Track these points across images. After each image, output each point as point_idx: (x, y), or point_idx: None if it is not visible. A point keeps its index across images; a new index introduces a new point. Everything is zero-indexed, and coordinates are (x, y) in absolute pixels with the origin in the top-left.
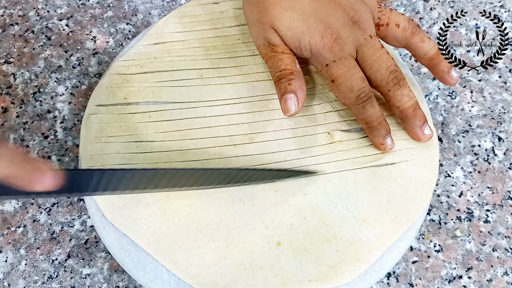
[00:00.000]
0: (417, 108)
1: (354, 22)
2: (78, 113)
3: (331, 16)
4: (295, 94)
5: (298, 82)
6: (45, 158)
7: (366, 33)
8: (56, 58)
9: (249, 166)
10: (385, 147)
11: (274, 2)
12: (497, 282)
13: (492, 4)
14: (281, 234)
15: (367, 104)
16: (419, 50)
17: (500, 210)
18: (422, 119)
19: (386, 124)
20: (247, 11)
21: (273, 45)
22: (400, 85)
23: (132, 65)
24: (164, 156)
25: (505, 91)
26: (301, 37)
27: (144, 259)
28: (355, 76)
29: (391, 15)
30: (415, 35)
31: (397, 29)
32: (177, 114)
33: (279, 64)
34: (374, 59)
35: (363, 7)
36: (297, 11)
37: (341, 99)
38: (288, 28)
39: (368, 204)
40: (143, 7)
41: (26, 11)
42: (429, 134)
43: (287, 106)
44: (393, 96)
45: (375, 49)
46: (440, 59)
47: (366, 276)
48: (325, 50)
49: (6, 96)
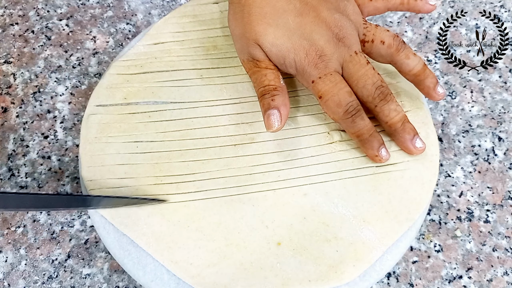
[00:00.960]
0: (406, 121)
1: (338, 39)
2: (78, 113)
3: (316, 33)
4: (278, 110)
5: (282, 98)
6: (45, 158)
7: (351, 49)
8: (56, 58)
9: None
10: (380, 159)
11: (258, 18)
12: (497, 282)
13: (492, 4)
14: (281, 234)
15: (356, 118)
16: (404, 67)
17: (500, 210)
18: (412, 132)
19: (378, 135)
20: (231, 25)
21: (257, 61)
22: (387, 100)
23: (132, 65)
24: (164, 156)
25: (505, 91)
26: (285, 54)
27: (144, 259)
28: (342, 90)
29: (376, 31)
30: (400, 52)
31: (382, 46)
32: (177, 114)
33: (263, 79)
34: (360, 75)
35: (348, 23)
36: (282, 27)
37: (330, 114)
38: (272, 45)
39: (368, 204)
40: (143, 7)
41: (26, 11)
42: (420, 147)
43: (270, 122)
44: (381, 112)
45: (360, 65)
46: (426, 75)
47: (366, 276)
48: (310, 67)
49: (6, 96)
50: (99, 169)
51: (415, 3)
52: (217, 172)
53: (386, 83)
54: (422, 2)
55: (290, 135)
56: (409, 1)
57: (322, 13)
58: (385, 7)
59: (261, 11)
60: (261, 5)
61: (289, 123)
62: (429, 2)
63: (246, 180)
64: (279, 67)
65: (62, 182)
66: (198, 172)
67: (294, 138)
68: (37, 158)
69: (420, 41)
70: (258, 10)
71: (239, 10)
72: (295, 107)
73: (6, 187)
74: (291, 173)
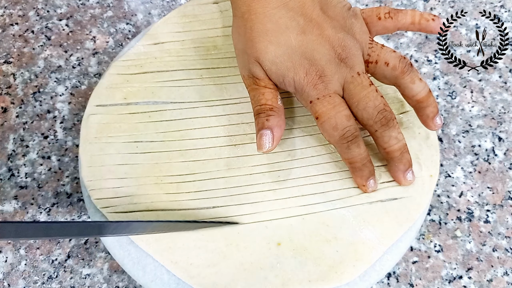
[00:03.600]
0: (404, 152)
1: (341, 59)
2: (78, 113)
3: (317, 52)
4: (271, 131)
5: (277, 119)
6: (45, 158)
7: (353, 70)
8: (56, 58)
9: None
10: (366, 189)
11: (260, 35)
12: (497, 282)
13: (492, 4)
14: (281, 234)
15: (352, 144)
16: (408, 91)
17: (500, 210)
18: (408, 164)
19: (371, 165)
20: (234, 39)
21: (257, 78)
22: (389, 126)
23: (132, 65)
24: (164, 156)
25: (505, 91)
26: (285, 72)
27: (144, 259)
28: (340, 114)
29: (381, 52)
30: (405, 75)
31: (386, 68)
32: (177, 114)
33: (260, 98)
34: (361, 96)
35: (352, 43)
36: (283, 45)
37: (325, 136)
38: (272, 63)
39: (368, 204)
40: (143, 7)
41: (26, 11)
42: (410, 179)
43: (262, 143)
44: (380, 137)
45: (362, 86)
46: (428, 103)
47: (366, 276)
48: (309, 87)
49: (6, 96)
50: (99, 169)
51: (427, 23)
52: (217, 172)
53: (390, 108)
54: (434, 23)
55: (290, 135)
56: (420, 21)
57: (326, 31)
58: (395, 26)
59: (263, 28)
60: (263, 21)
61: (289, 124)
62: (441, 24)
63: (246, 180)
64: (279, 85)
65: (62, 182)
66: (198, 172)
67: (294, 138)
68: (37, 158)
69: (420, 41)
70: (260, 27)
71: (242, 24)
72: (296, 107)
73: (6, 187)
74: (291, 173)
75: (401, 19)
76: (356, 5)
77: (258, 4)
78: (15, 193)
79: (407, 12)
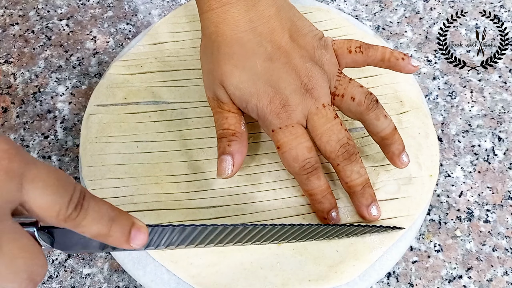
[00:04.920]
0: (367, 186)
1: (306, 90)
2: (78, 113)
3: (283, 81)
4: (232, 156)
5: (238, 145)
6: (45, 158)
7: (318, 102)
8: (56, 58)
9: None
10: (328, 221)
11: (225, 57)
12: (497, 282)
13: (492, 4)
14: None
15: (311, 176)
16: (372, 127)
17: (500, 210)
18: (370, 198)
19: (332, 197)
20: (201, 59)
21: (221, 102)
22: (351, 160)
23: (132, 65)
24: (164, 156)
25: (505, 91)
26: (248, 98)
27: (144, 259)
28: (301, 145)
29: (348, 86)
30: (370, 111)
31: (352, 102)
32: (177, 114)
33: (223, 122)
34: (324, 129)
35: (319, 74)
36: (248, 70)
37: (286, 167)
38: (236, 88)
39: None
40: (143, 7)
41: (26, 11)
42: (375, 215)
43: (221, 168)
44: (342, 171)
45: (326, 119)
46: (393, 141)
47: (366, 276)
48: (272, 116)
49: (6, 96)
50: (99, 169)
51: (396, 62)
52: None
53: (353, 142)
54: (404, 62)
55: None
56: (390, 59)
57: (294, 60)
58: (365, 61)
59: (229, 51)
60: (230, 44)
61: None
62: (411, 63)
63: (246, 180)
64: (242, 110)
65: None
66: (198, 172)
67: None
68: (38, 158)
69: (420, 41)
70: (226, 50)
71: (209, 45)
72: None
73: None
74: None
75: (371, 54)
76: (356, 5)
77: (226, 27)
78: None
79: (378, 49)
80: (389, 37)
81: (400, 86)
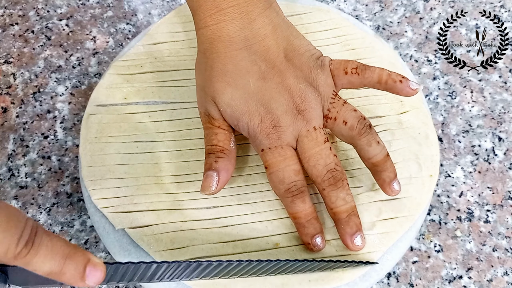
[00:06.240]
0: (352, 214)
1: (298, 111)
2: (78, 113)
3: (275, 101)
4: (217, 173)
5: (225, 163)
6: (45, 158)
7: (310, 124)
8: (56, 58)
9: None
10: (312, 248)
11: (218, 74)
12: (497, 282)
13: (492, 4)
14: (281, 234)
15: (296, 199)
16: (364, 153)
17: (500, 210)
18: (355, 227)
19: (317, 223)
20: (196, 74)
21: (212, 118)
22: (337, 186)
23: (132, 65)
24: (164, 156)
25: (505, 91)
26: (239, 116)
27: (144, 259)
28: (289, 167)
29: (341, 109)
30: (362, 137)
31: (344, 126)
32: (177, 114)
33: (212, 138)
34: (313, 153)
35: (312, 95)
36: (240, 89)
37: (272, 187)
38: (227, 105)
39: (367, 204)
40: (143, 7)
41: (26, 11)
42: (359, 245)
43: (206, 184)
44: (327, 196)
45: (316, 142)
46: (385, 168)
47: (366, 276)
48: (262, 135)
49: (6, 96)
50: (99, 169)
51: (394, 84)
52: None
53: (341, 167)
54: (402, 84)
55: None
56: (387, 81)
57: (288, 80)
58: (361, 83)
59: (223, 68)
60: (224, 61)
61: None
62: (409, 86)
63: (246, 180)
64: (234, 128)
65: (62, 182)
66: (198, 172)
67: None
68: (37, 158)
69: (420, 41)
70: (220, 66)
71: (203, 61)
72: None
73: (6, 187)
74: None
75: (368, 76)
76: (356, 5)
77: (220, 44)
78: (15, 193)
79: (375, 70)
80: (389, 37)
81: None
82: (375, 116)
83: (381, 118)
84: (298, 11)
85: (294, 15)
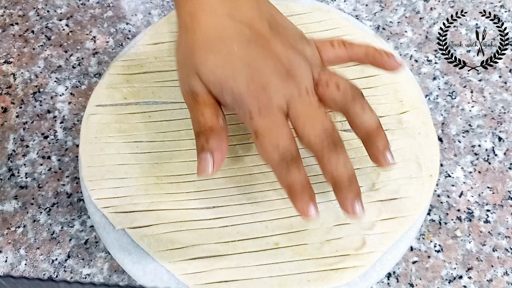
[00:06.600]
0: (354, 180)
1: (288, 73)
2: (78, 113)
3: (263, 62)
4: (211, 154)
5: (216, 141)
6: (45, 158)
7: (301, 88)
8: (56, 58)
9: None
10: (307, 216)
11: (200, 45)
12: (497, 282)
13: (492, 4)
14: (281, 234)
15: (292, 168)
16: (357, 118)
17: (500, 210)
18: (356, 193)
19: (311, 190)
20: (176, 52)
21: (196, 95)
22: (337, 150)
23: (132, 65)
24: (164, 156)
25: (505, 91)
26: (223, 81)
27: (144, 259)
28: (283, 132)
29: (332, 76)
30: (356, 102)
31: (337, 92)
32: (177, 114)
33: (199, 118)
34: (309, 117)
35: (302, 61)
36: (224, 54)
37: (263, 156)
38: (211, 73)
39: (367, 204)
40: (143, 7)
41: (26, 11)
42: (357, 212)
43: (201, 167)
44: (327, 162)
45: (310, 106)
46: (378, 136)
47: (366, 276)
48: (249, 98)
49: (6, 96)
50: (99, 169)
51: (380, 57)
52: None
53: (338, 134)
54: (388, 58)
55: None
56: (374, 54)
57: (275, 47)
58: (348, 56)
59: (204, 36)
60: (206, 31)
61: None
62: (396, 60)
63: (246, 180)
64: (219, 99)
65: (62, 182)
66: None
67: (295, 138)
68: (37, 158)
69: (420, 41)
70: (201, 36)
71: (184, 36)
72: None
73: (6, 187)
74: None
75: (356, 49)
76: (356, 5)
77: (202, 14)
78: (15, 193)
79: (361, 44)
80: (389, 37)
81: (400, 86)
82: None
83: (381, 118)
84: (298, 11)
85: (294, 15)
